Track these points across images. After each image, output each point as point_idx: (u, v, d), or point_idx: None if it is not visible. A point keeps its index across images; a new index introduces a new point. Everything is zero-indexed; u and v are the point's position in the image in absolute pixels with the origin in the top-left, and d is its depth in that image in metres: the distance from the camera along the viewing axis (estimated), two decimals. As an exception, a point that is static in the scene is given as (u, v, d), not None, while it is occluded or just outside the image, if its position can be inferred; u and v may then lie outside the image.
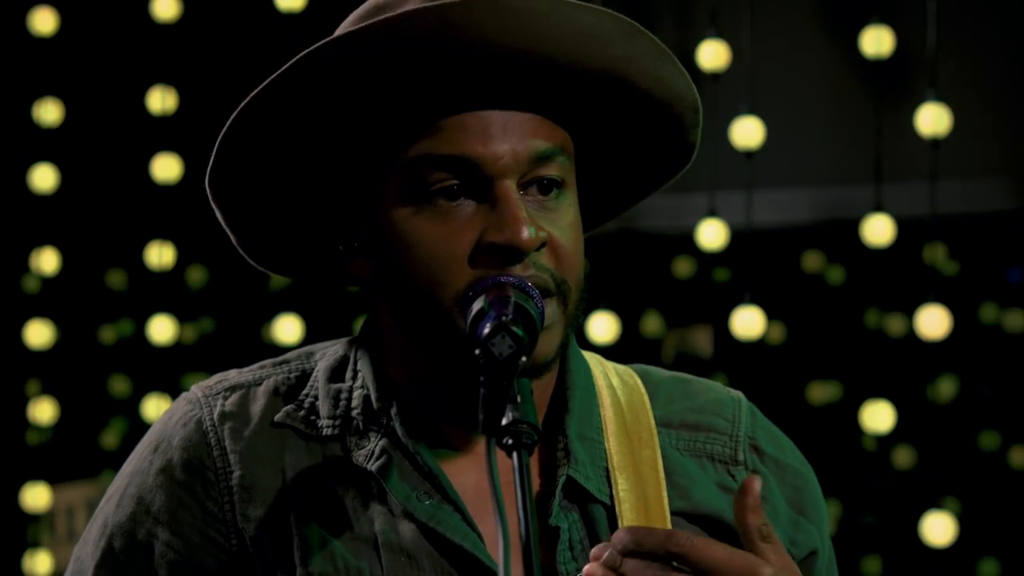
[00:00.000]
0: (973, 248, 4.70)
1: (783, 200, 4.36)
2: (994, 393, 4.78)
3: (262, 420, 1.70)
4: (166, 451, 1.69)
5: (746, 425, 1.79)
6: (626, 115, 1.69)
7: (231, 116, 1.62)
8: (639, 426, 1.73)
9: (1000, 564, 4.61)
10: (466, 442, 1.68)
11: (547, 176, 1.61)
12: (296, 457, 1.67)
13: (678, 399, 1.79)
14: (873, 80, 3.95)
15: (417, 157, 1.58)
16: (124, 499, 1.70)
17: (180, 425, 1.71)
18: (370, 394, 1.69)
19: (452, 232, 1.58)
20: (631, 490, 1.68)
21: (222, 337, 4.90)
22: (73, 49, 4.51)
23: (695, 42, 3.99)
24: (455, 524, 1.63)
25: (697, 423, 1.77)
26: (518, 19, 1.56)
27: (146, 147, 4.34)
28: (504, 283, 1.56)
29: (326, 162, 1.65)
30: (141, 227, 4.45)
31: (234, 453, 1.67)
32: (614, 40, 1.61)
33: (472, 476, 1.67)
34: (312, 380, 1.73)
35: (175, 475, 1.67)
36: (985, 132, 4.22)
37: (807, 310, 4.88)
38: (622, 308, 4.14)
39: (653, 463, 1.71)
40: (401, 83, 1.59)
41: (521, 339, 1.46)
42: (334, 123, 1.63)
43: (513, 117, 1.60)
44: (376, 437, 1.67)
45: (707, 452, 1.76)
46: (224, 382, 1.74)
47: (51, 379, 4.49)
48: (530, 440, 1.42)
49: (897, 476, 4.70)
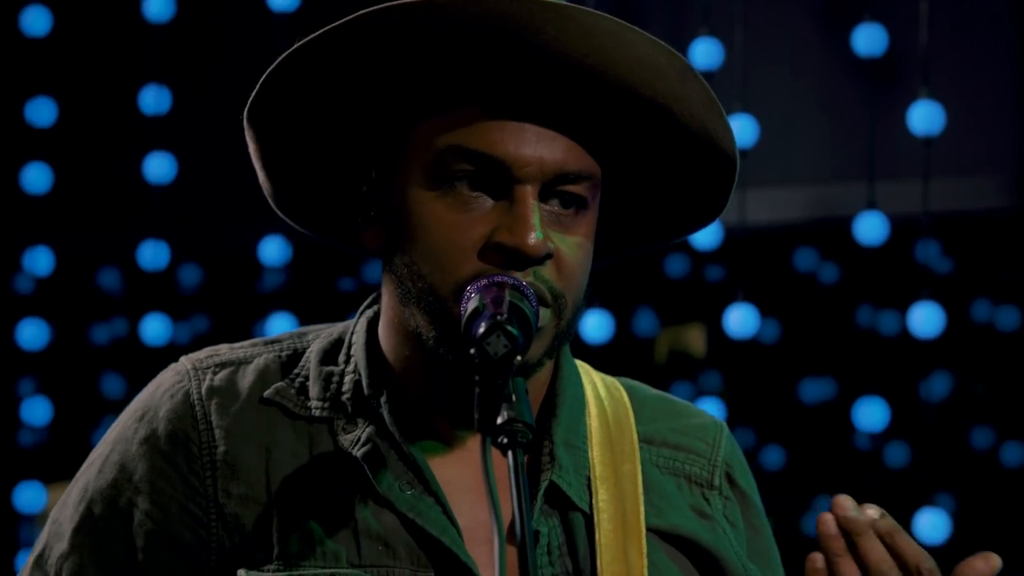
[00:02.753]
0: (966, 246, 4.70)
1: (776, 198, 4.36)
2: (987, 390, 4.78)
3: (250, 397, 1.70)
4: (151, 421, 1.70)
5: (725, 452, 1.81)
6: (660, 156, 1.69)
7: (286, 52, 1.62)
8: (622, 439, 1.74)
9: (994, 561, 4.61)
10: (453, 435, 1.69)
11: (571, 191, 1.63)
12: (282, 436, 1.68)
13: (662, 417, 1.81)
14: (866, 78, 3.96)
15: (449, 146, 1.60)
16: (106, 465, 1.70)
17: (167, 396, 1.71)
18: (361, 379, 1.69)
19: (465, 222, 1.60)
20: (610, 501, 1.69)
21: (215, 337, 4.89)
22: (66, 48, 4.50)
23: (688, 40, 3.99)
24: (435, 517, 1.64)
25: (678, 443, 1.79)
26: (582, 31, 1.58)
27: (139, 146, 4.33)
28: (501, 283, 1.57)
29: (360, 123, 1.66)
30: (134, 226, 4.44)
31: (219, 428, 1.68)
32: (667, 76, 1.62)
33: (455, 469, 1.68)
34: (304, 360, 1.74)
35: (159, 446, 1.68)
36: (978, 130, 4.22)
37: (800, 308, 4.88)
38: (615, 306, 4.15)
39: (633, 477, 1.72)
40: (453, 67, 1.61)
41: (516, 338, 1.47)
42: (379, 86, 1.64)
43: (547, 136, 1.61)
44: (364, 424, 1.67)
45: (685, 472, 1.78)
46: (215, 357, 1.75)
47: (44, 379, 4.49)
48: (525, 439, 1.43)
49: (890, 474, 4.70)
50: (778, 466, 4.94)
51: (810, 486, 4.89)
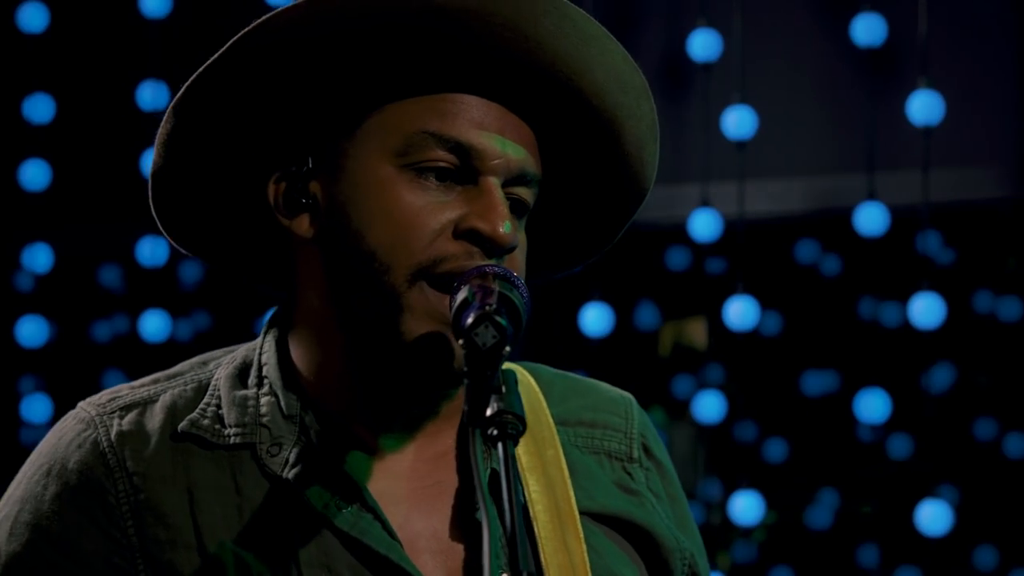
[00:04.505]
0: (967, 236, 4.70)
1: (776, 190, 4.35)
2: (990, 381, 4.78)
3: (162, 437, 1.64)
4: (61, 474, 1.63)
5: (639, 424, 1.82)
6: (591, 168, 1.71)
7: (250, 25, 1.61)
8: (540, 425, 1.73)
9: (997, 552, 4.61)
10: (376, 445, 1.66)
11: (523, 198, 1.64)
12: (202, 472, 1.63)
13: (571, 397, 1.80)
14: (865, 69, 3.95)
15: (422, 131, 1.60)
16: (17, 527, 1.63)
17: (74, 447, 1.64)
18: (279, 400, 1.66)
19: (431, 207, 1.59)
20: (542, 492, 1.69)
21: (216, 333, 4.89)
22: (63, 45, 4.50)
23: (686, 32, 3.98)
24: (377, 533, 1.61)
25: (593, 420, 1.79)
26: (575, 30, 1.60)
27: (137, 142, 4.32)
28: (488, 272, 1.56)
29: (306, 107, 1.63)
30: (134, 223, 4.43)
31: (136, 475, 1.62)
32: (628, 90, 1.66)
33: (384, 481, 1.65)
34: (212, 389, 1.69)
35: (74, 501, 1.61)
36: (977, 120, 4.21)
37: (801, 300, 4.88)
38: (616, 300, 4.14)
39: (558, 463, 1.72)
40: (431, 53, 1.61)
41: (505, 329, 1.46)
42: (342, 67, 1.62)
43: (513, 124, 1.63)
44: (289, 444, 1.63)
45: (604, 449, 1.78)
46: (117, 399, 1.69)
47: (45, 376, 4.48)
48: (515, 431, 1.41)
49: (893, 465, 4.70)
50: (780, 458, 4.94)
51: (812, 478, 4.89)
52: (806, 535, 4.76)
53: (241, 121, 1.65)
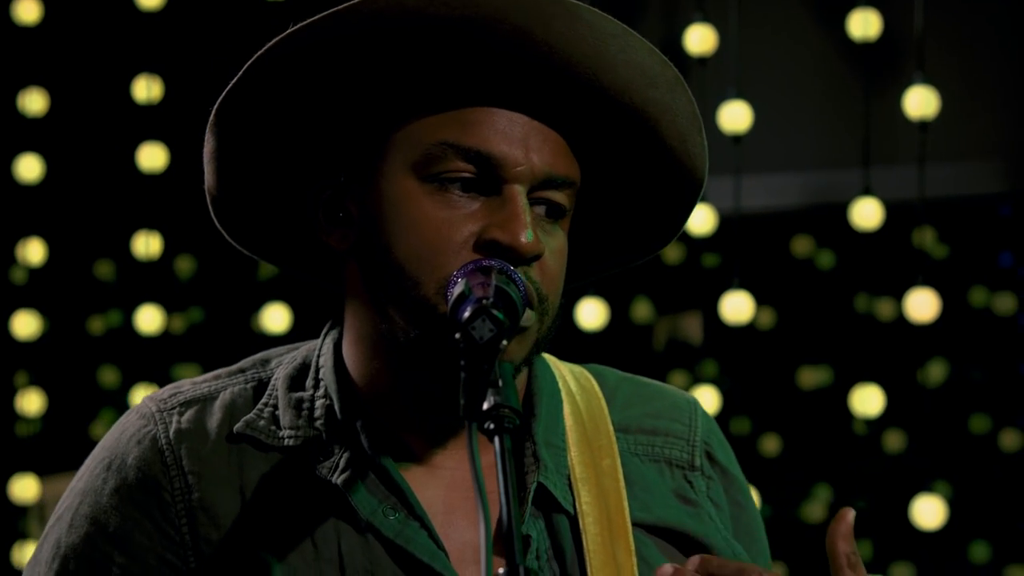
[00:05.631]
0: (962, 231, 4.69)
1: (772, 184, 4.35)
2: (984, 376, 4.78)
3: (219, 436, 1.66)
4: (120, 469, 1.66)
5: (703, 430, 1.80)
6: (634, 167, 1.70)
7: (277, 37, 1.60)
8: (599, 434, 1.73)
9: (991, 547, 4.62)
10: (427, 454, 1.66)
11: (556, 201, 1.63)
12: (256, 472, 1.64)
13: (635, 403, 1.79)
14: (861, 63, 3.94)
15: (441, 142, 1.59)
16: (77, 519, 1.66)
17: (134, 443, 1.67)
18: (333, 404, 1.66)
19: (456, 219, 1.59)
20: (593, 503, 1.68)
21: (211, 327, 4.88)
22: (58, 38, 4.49)
23: (682, 26, 3.97)
24: (423, 542, 1.61)
25: (655, 428, 1.77)
26: (589, 30, 1.59)
27: (132, 136, 4.32)
28: (487, 266, 1.56)
29: (333, 126, 1.65)
30: (128, 217, 4.43)
31: (192, 473, 1.64)
32: (660, 85, 1.64)
33: (433, 490, 1.65)
34: (271, 389, 1.70)
35: (131, 496, 1.64)
36: (973, 115, 4.21)
37: (797, 295, 4.88)
38: (611, 294, 4.13)
39: (614, 473, 1.71)
40: (451, 63, 1.60)
41: (502, 323, 1.45)
42: (363, 85, 1.62)
43: (538, 132, 1.62)
44: (340, 449, 1.64)
45: (665, 457, 1.76)
46: (178, 395, 1.70)
47: (39, 370, 4.47)
48: (512, 424, 1.40)
49: (888, 460, 4.70)
50: (775, 453, 4.94)
51: (808, 473, 4.89)
52: (802, 529, 4.76)
53: (275, 138, 1.66)
